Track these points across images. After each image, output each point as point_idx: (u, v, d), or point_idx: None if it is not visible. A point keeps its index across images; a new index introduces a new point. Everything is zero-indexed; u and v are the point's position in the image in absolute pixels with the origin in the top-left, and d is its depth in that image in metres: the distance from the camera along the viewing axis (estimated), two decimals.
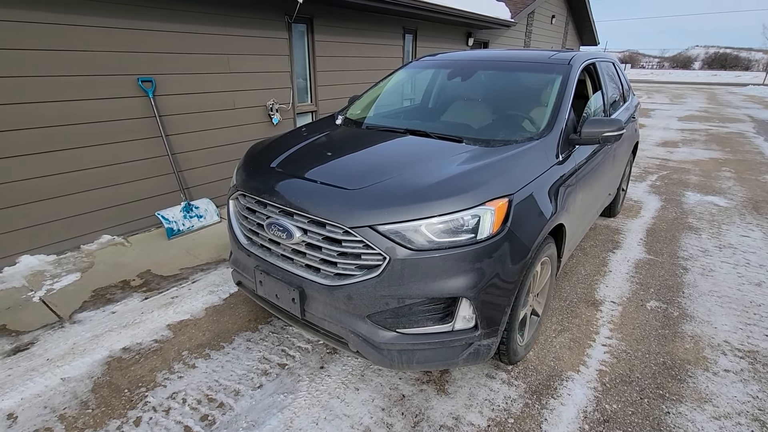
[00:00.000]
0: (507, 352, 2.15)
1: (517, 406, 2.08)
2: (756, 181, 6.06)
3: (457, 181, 1.92)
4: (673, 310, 2.90)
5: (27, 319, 2.67)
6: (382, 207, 1.80)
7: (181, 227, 3.92)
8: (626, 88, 4.23)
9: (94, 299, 2.91)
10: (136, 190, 3.87)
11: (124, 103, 3.64)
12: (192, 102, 4.14)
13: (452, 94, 3.27)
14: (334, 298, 1.87)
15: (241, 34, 4.44)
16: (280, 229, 1.97)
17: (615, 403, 2.11)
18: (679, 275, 3.37)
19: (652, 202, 5.13)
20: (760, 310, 2.92)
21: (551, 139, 2.38)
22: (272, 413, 2.01)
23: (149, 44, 3.70)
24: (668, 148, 8.37)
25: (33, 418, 1.97)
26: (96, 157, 3.54)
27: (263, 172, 2.24)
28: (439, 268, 1.76)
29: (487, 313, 1.87)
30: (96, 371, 2.26)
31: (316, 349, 2.46)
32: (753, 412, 2.08)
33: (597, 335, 2.62)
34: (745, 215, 4.69)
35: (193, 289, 3.04)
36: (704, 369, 2.36)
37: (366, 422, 1.98)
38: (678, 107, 15.85)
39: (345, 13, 5.70)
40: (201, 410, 2.03)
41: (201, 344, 2.49)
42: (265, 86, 4.84)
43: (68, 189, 3.43)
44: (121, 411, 2.02)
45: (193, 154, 4.27)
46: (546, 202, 2.11)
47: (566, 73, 2.78)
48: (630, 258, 3.65)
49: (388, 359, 1.89)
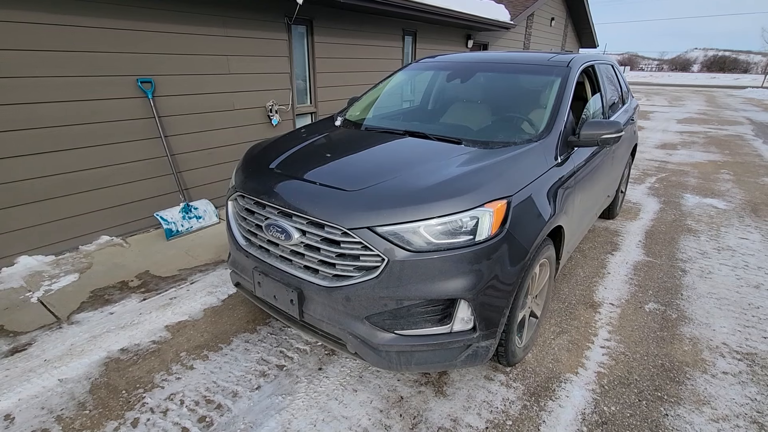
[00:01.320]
0: (505, 354, 2.15)
1: (516, 408, 2.08)
2: (755, 183, 6.07)
3: (456, 182, 1.92)
4: (671, 312, 2.90)
5: (25, 320, 2.67)
6: (381, 208, 1.80)
7: (179, 228, 3.92)
8: (625, 91, 4.24)
9: (92, 300, 2.90)
10: (135, 190, 3.87)
11: (124, 104, 3.64)
12: (191, 103, 4.15)
13: (451, 96, 3.28)
14: (332, 299, 1.87)
15: (241, 36, 4.45)
16: (279, 230, 1.97)
17: (613, 405, 2.11)
18: (677, 277, 3.38)
19: (651, 204, 5.14)
20: (759, 312, 2.92)
21: (550, 141, 2.39)
22: (270, 415, 2.01)
23: (149, 45, 3.70)
24: (667, 150, 8.38)
25: (30, 420, 1.96)
26: (95, 157, 3.54)
27: (262, 173, 2.24)
28: (438, 270, 1.76)
29: (485, 315, 1.87)
30: (94, 372, 2.26)
31: (315, 350, 2.46)
32: (751, 415, 2.07)
33: (595, 337, 2.62)
34: (743, 218, 4.69)
35: (192, 290, 3.04)
36: (702, 371, 2.36)
37: (364, 424, 1.98)
38: (677, 110, 15.88)
39: (345, 15, 5.71)
40: (199, 412, 2.02)
41: (199, 345, 2.48)
42: (264, 87, 4.84)
43: (67, 189, 3.43)
44: (118, 412, 2.01)
45: (193, 155, 4.27)
46: (545, 203, 2.11)
47: (565, 75, 2.79)
48: (629, 260, 3.66)
49: (387, 361, 1.89)
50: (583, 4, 15.11)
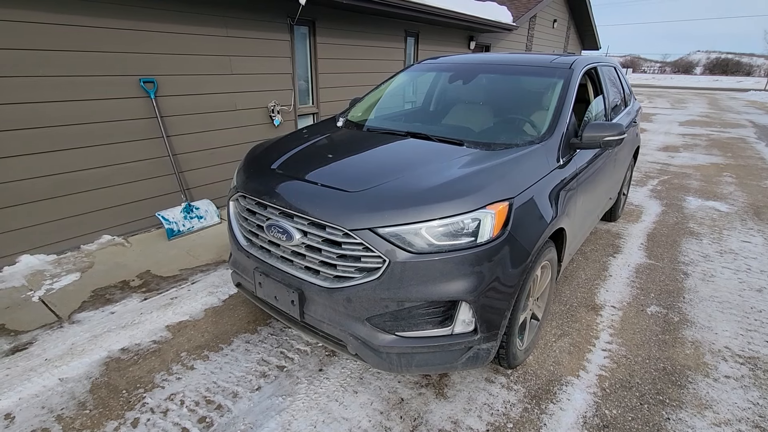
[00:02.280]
0: (506, 356, 2.14)
1: (517, 411, 2.07)
2: (757, 186, 6.05)
3: (458, 184, 1.91)
4: (673, 316, 2.89)
5: (26, 319, 2.67)
6: (383, 209, 1.80)
7: (181, 228, 3.92)
8: (627, 93, 4.24)
9: (93, 299, 2.90)
10: (136, 190, 3.88)
11: (126, 104, 3.64)
12: (193, 103, 4.15)
13: (453, 97, 3.27)
14: (333, 300, 1.87)
15: (243, 36, 4.45)
16: (280, 231, 1.97)
17: (615, 409, 2.10)
18: (679, 280, 3.36)
19: (653, 206, 5.12)
20: (761, 316, 2.91)
21: (552, 143, 2.38)
22: (270, 416, 2.01)
23: (151, 45, 3.71)
24: (669, 152, 8.36)
25: (30, 419, 1.96)
26: (97, 157, 3.55)
27: (264, 174, 2.24)
28: (439, 272, 1.75)
29: (486, 317, 1.86)
30: (94, 372, 2.26)
31: (315, 351, 2.46)
32: (753, 419, 2.06)
33: (597, 340, 2.61)
34: (746, 221, 4.68)
35: (193, 290, 3.04)
36: (705, 375, 2.35)
37: (364, 426, 1.97)
38: (679, 112, 15.85)
39: (347, 16, 5.71)
40: (199, 412, 2.02)
41: (200, 346, 2.48)
42: (266, 88, 4.85)
43: (69, 189, 3.43)
44: (118, 412, 2.01)
45: (194, 155, 4.28)
46: (546, 206, 2.11)
47: (568, 77, 2.78)
48: (630, 263, 3.65)
49: (387, 362, 1.88)
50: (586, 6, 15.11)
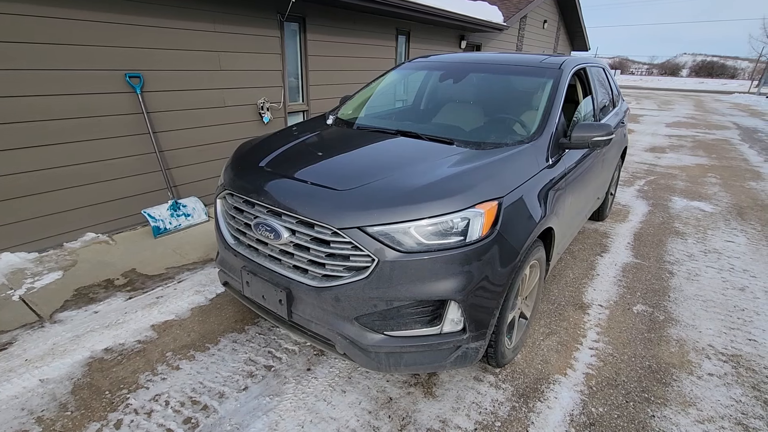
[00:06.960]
0: (495, 355, 2.15)
1: (504, 410, 2.08)
2: (741, 187, 6.17)
3: (447, 183, 1.91)
4: (659, 314, 2.93)
5: (6, 319, 2.60)
6: (372, 208, 1.78)
7: (167, 226, 3.86)
8: (616, 94, 4.28)
9: (76, 298, 2.84)
10: (122, 187, 3.80)
11: (111, 99, 3.57)
12: (181, 99, 4.09)
13: (444, 96, 3.27)
14: (321, 299, 1.85)
15: (233, 32, 4.39)
16: (268, 230, 1.95)
17: (601, 407, 2.12)
18: (665, 279, 3.41)
19: (640, 206, 5.19)
20: (744, 314, 2.96)
21: (541, 142, 2.39)
22: (257, 416, 1.98)
23: (138, 39, 3.64)
24: (656, 153, 8.48)
25: (9, 420, 1.91)
26: (81, 152, 3.47)
27: (251, 172, 2.21)
28: (428, 271, 1.75)
29: (475, 316, 1.86)
30: (76, 372, 2.21)
31: (303, 351, 2.44)
32: (736, 416, 2.10)
33: (584, 338, 2.64)
34: (729, 221, 4.76)
35: (179, 289, 2.99)
36: (689, 373, 2.38)
37: (352, 425, 1.96)
38: (666, 113, 16.09)
39: (338, 13, 5.67)
40: (184, 413, 1.99)
41: (186, 345, 2.45)
42: (256, 84, 4.79)
43: (52, 185, 3.35)
44: (101, 413, 1.97)
45: (182, 151, 4.21)
46: (535, 205, 2.11)
47: (557, 77, 2.80)
48: (617, 262, 3.69)
49: (376, 362, 1.87)
50: (576, 8, 15.24)
